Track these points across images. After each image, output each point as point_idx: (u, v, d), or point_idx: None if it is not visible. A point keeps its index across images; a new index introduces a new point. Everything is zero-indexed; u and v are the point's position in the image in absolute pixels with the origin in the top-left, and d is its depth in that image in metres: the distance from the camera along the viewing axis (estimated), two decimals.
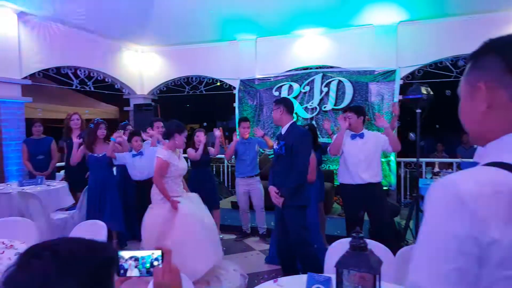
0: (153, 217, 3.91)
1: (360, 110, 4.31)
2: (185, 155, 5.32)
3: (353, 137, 4.24)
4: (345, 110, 4.51)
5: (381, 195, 4.25)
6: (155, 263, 1.06)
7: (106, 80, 8.00)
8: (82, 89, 7.75)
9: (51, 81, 7.87)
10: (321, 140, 5.94)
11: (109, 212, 4.73)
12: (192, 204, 4.03)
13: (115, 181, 5.11)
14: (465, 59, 6.22)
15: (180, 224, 3.81)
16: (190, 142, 5.67)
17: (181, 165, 4.02)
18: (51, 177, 5.76)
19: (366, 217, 4.30)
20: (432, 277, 0.78)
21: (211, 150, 5.47)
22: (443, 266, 0.77)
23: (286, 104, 3.84)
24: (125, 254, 1.05)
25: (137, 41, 8.23)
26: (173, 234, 3.77)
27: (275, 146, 3.86)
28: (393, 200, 6.54)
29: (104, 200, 4.79)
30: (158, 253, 1.07)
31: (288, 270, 3.75)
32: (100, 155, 4.83)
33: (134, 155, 4.95)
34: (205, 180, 5.37)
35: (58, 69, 6.81)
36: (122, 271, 1.05)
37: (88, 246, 0.83)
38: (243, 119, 5.57)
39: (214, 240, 4.08)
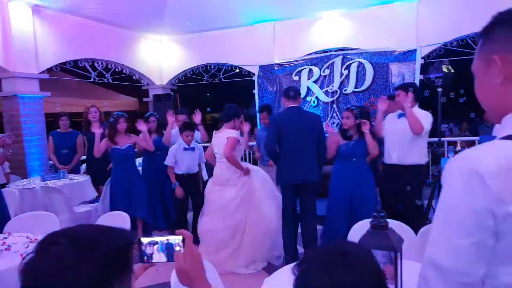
0: (231, 195, 4.11)
1: (407, 88, 4.09)
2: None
3: (399, 116, 4.12)
4: (395, 89, 4.37)
5: (412, 179, 4.00)
6: (177, 248, 1.03)
7: (124, 71, 7.97)
8: (100, 82, 7.75)
9: (69, 74, 7.88)
10: None
11: (135, 202, 4.76)
12: None
13: (139, 172, 5.13)
14: (473, 38, 6.02)
15: (253, 201, 4.16)
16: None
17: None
18: (76, 170, 5.77)
19: None
20: (450, 252, 0.80)
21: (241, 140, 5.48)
22: (461, 241, 0.79)
23: (283, 93, 4.15)
24: (144, 240, 1.04)
25: (154, 31, 8.14)
26: (251, 211, 4.11)
27: None
28: None
29: (129, 192, 4.80)
30: (178, 238, 1.03)
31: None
32: (124, 147, 4.79)
33: (186, 149, 4.79)
34: None
35: (75, 62, 6.81)
36: (145, 258, 1.04)
37: (104, 232, 0.83)
38: (260, 110, 5.54)
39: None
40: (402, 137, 3.98)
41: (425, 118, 3.94)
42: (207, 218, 4.20)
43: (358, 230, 2.48)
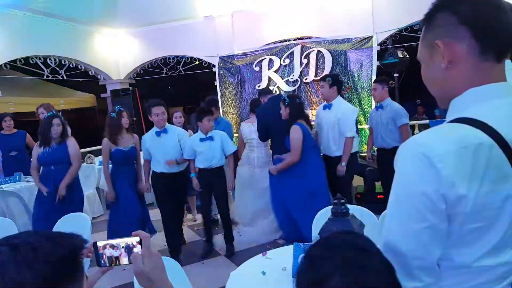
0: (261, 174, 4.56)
1: (331, 79, 4.04)
2: None
3: (324, 107, 4.15)
4: (320, 79, 4.45)
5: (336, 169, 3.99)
6: (134, 250, 1.00)
7: (79, 67, 7.70)
8: (55, 79, 7.43)
9: (20, 72, 7.51)
10: None
11: (132, 212, 4.15)
12: None
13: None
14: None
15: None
16: None
17: None
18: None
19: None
20: (405, 237, 0.82)
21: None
22: (415, 226, 0.80)
23: (258, 93, 4.61)
24: (100, 243, 1.02)
25: (108, 24, 7.87)
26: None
27: None
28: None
29: (127, 198, 4.17)
30: (135, 239, 1.01)
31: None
32: (127, 148, 4.18)
33: (202, 139, 4.07)
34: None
35: (26, 59, 6.49)
36: (102, 261, 1.02)
37: (49, 238, 0.79)
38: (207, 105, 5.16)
39: None
40: (328, 129, 4.03)
41: (349, 124, 3.92)
42: (262, 200, 4.52)
43: (322, 218, 2.43)
